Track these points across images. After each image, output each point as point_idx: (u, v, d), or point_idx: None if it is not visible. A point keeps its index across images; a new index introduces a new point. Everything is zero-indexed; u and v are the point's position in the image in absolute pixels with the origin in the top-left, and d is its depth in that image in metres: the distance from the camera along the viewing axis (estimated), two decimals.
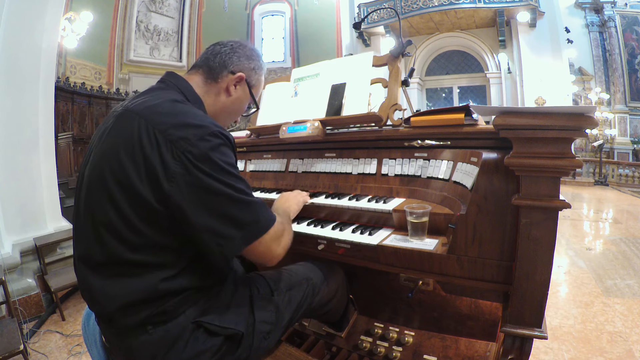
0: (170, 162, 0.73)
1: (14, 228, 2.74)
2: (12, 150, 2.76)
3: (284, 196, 1.24)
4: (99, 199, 0.77)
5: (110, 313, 0.78)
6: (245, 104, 1.06)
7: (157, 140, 0.75)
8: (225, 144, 0.80)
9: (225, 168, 0.77)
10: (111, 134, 0.81)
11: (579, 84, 11.21)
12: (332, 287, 1.17)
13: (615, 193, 8.21)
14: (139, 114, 0.79)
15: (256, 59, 1.04)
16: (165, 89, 0.91)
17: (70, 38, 7.29)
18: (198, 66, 1.00)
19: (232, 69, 0.99)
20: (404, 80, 1.37)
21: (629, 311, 2.39)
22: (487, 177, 0.89)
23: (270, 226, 0.84)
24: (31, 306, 2.54)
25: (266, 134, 1.69)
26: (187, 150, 0.74)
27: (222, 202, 0.76)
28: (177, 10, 11.51)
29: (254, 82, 1.04)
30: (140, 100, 0.85)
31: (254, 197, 0.82)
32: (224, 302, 0.88)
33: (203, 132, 0.76)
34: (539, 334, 0.83)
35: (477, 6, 9.32)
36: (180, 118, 0.79)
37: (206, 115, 0.86)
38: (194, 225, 0.75)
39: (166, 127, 0.76)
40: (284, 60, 12.20)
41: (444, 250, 0.92)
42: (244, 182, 0.81)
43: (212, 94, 0.98)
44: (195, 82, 0.97)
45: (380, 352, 1.30)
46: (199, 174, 0.74)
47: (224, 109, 1.01)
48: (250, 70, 1.02)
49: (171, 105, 0.83)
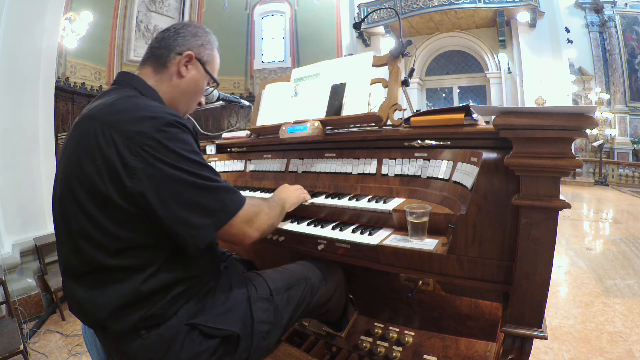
0: (129, 159, 0.72)
1: (14, 228, 2.74)
2: (12, 150, 2.76)
3: (284, 187, 1.24)
4: (70, 210, 0.77)
5: (102, 322, 0.77)
6: (203, 83, 1.02)
7: (113, 139, 0.74)
8: (183, 131, 0.78)
9: (186, 155, 0.76)
10: (71, 143, 0.81)
11: (579, 84, 11.20)
12: (331, 286, 1.17)
13: (615, 193, 8.21)
14: (94, 118, 0.78)
15: (203, 35, 1.01)
16: (119, 88, 0.90)
17: (70, 38, 7.29)
18: (145, 58, 0.98)
19: (178, 50, 0.95)
20: (404, 80, 1.38)
21: (629, 311, 2.39)
22: (487, 177, 0.89)
23: (239, 208, 0.83)
24: (31, 306, 2.55)
25: (266, 134, 1.69)
26: (145, 144, 0.73)
27: (187, 191, 0.75)
28: (177, 10, 11.50)
29: (206, 58, 1.01)
30: (95, 104, 0.84)
31: (220, 182, 0.81)
32: (219, 303, 0.87)
33: (158, 123, 0.75)
34: (539, 334, 0.83)
35: (477, 6, 9.32)
36: (134, 113, 0.78)
37: (161, 106, 0.85)
38: (163, 218, 0.74)
39: (121, 125, 0.75)
40: (284, 60, 12.19)
41: (444, 250, 0.92)
42: (209, 168, 0.80)
43: (165, 81, 0.95)
44: (146, 74, 0.95)
45: (380, 352, 1.30)
46: (159, 165, 0.73)
47: (181, 92, 0.97)
48: (199, 47, 0.99)
49: (124, 101, 0.82)
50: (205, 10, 11.77)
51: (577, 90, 11.16)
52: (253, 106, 1.78)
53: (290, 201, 1.19)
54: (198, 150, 0.81)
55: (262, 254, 1.68)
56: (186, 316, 0.81)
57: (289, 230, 1.21)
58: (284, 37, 12.30)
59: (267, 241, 1.28)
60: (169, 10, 11.33)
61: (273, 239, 1.26)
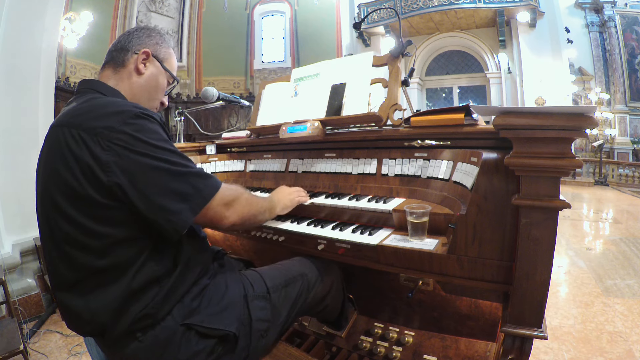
0: (101, 154, 0.73)
1: (14, 228, 2.74)
2: (12, 150, 2.76)
3: (281, 188, 1.25)
4: (52, 218, 0.78)
5: (99, 327, 0.77)
6: (163, 80, 1.04)
7: (82, 138, 0.75)
8: (150, 121, 0.80)
9: (157, 144, 0.78)
10: (44, 154, 0.82)
11: (579, 84, 11.20)
12: (327, 282, 1.17)
13: (615, 193, 8.21)
14: (61, 125, 0.79)
15: (156, 35, 1.03)
16: (83, 94, 0.91)
17: (70, 38, 7.28)
18: (105, 62, 1.00)
19: (134, 49, 0.98)
20: (404, 80, 1.38)
21: (629, 311, 2.39)
22: (487, 177, 0.89)
23: (215, 192, 0.84)
24: (31, 306, 2.54)
25: (266, 134, 1.69)
26: (114, 138, 0.74)
27: (161, 178, 0.77)
28: (177, 10, 11.50)
29: (163, 55, 1.03)
30: (61, 114, 0.86)
31: (193, 167, 0.83)
32: (214, 302, 0.87)
33: (125, 116, 0.77)
34: (539, 334, 0.83)
35: (477, 6, 9.31)
36: (100, 110, 0.79)
37: (126, 101, 0.86)
38: (141, 207, 0.75)
39: (88, 123, 0.76)
40: (284, 60, 12.18)
41: (444, 250, 0.92)
42: (180, 155, 0.82)
43: (124, 79, 0.97)
44: (106, 76, 0.97)
45: (380, 352, 1.30)
46: (131, 155, 0.74)
47: (141, 89, 0.99)
48: (154, 45, 1.01)
49: (88, 103, 0.83)
50: (205, 10, 11.77)
51: (577, 90, 11.16)
52: (253, 106, 1.78)
53: (283, 203, 1.19)
54: (167, 138, 0.83)
55: (262, 254, 1.68)
56: (181, 316, 0.81)
57: (289, 230, 1.21)
58: (284, 37, 12.29)
59: (267, 241, 1.28)
60: (169, 10, 11.33)
61: (273, 239, 1.26)
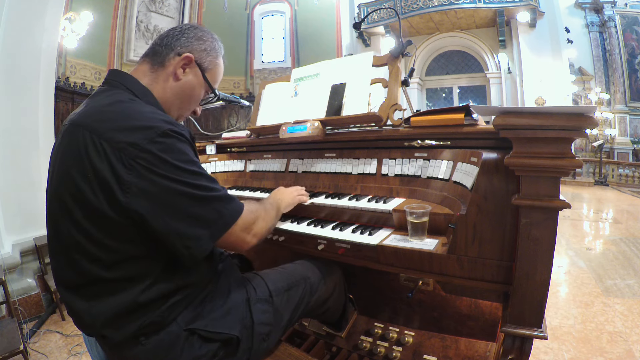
0: (123, 172, 0.69)
1: (14, 228, 2.74)
2: (12, 151, 2.76)
3: (280, 189, 1.24)
4: (63, 224, 0.75)
5: (100, 332, 0.77)
6: (200, 91, 0.97)
7: (104, 150, 0.70)
8: (179, 140, 0.75)
9: (182, 166, 0.73)
10: (60, 152, 0.78)
11: (579, 84, 11.20)
12: (330, 285, 1.17)
13: (615, 193, 8.21)
14: (83, 126, 0.75)
15: (209, 41, 0.96)
16: (109, 90, 0.85)
17: (70, 38, 7.28)
18: (145, 54, 0.93)
19: (179, 50, 0.90)
20: (404, 80, 1.38)
21: (629, 311, 2.39)
22: (487, 177, 0.89)
23: (237, 217, 0.82)
24: (31, 306, 2.54)
25: (266, 134, 1.69)
26: (138, 157, 0.70)
27: (183, 203, 0.73)
28: (177, 10, 11.49)
29: (207, 65, 0.95)
30: (85, 109, 0.81)
31: (217, 191, 0.79)
32: (217, 306, 0.86)
33: (152, 133, 0.72)
34: (539, 334, 0.83)
35: (477, 6, 9.31)
36: (126, 121, 0.74)
37: (155, 111, 0.80)
38: (159, 231, 0.72)
39: (112, 134, 0.71)
40: (284, 60, 12.18)
41: (444, 250, 0.92)
42: (205, 177, 0.78)
43: (160, 81, 0.90)
44: (141, 71, 0.90)
45: (380, 352, 1.30)
46: (154, 178, 0.71)
47: (175, 96, 0.92)
48: (202, 52, 0.94)
49: (115, 108, 0.78)
50: (205, 10, 11.77)
51: (577, 90, 11.16)
52: (253, 106, 1.78)
53: (286, 202, 1.18)
54: (195, 158, 0.79)
55: (262, 254, 1.68)
56: (185, 321, 0.80)
57: (289, 230, 1.21)
58: (284, 37, 12.29)
59: (267, 241, 1.28)
60: (169, 10, 11.33)
61: (273, 239, 1.26)
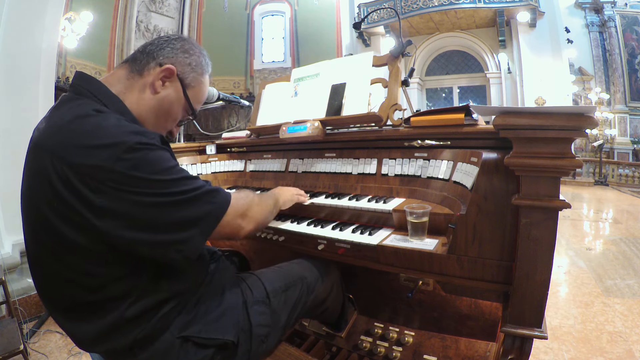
0: (92, 197, 0.63)
1: (14, 228, 2.73)
2: (12, 150, 2.76)
3: (279, 188, 1.23)
4: (39, 251, 0.72)
5: (94, 348, 0.77)
6: (178, 109, 0.87)
7: (67, 177, 0.64)
8: (150, 150, 0.68)
9: (157, 179, 0.67)
10: (26, 177, 0.73)
11: (579, 84, 11.21)
12: (327, 285, 1.16)
13: (615, 193, 8.21)
14: (44, 149, 0.68)
15: (196, 55, 0.87)
16: (74, 99, 0.77)
17: (70, 38, 7.29)
18: (125, 60, 0.85)
19: (160, 60, 0.82)
20: (404, 80, 1.38)
21: (629, 311, 2.39)
22: (487, 177, 0.89)
23: (227, 207, 0.77)
24: (31, 306, 2.54)
25: (266, 134, 1.69)
26: (105, 179, 0.63)
27: (166, 213, 0.68)
28: (177, 10, 11.50)
29: (190, 81, 0.87)
30: (47, 125, 0.73)
31: (201, 188, 0.73)
32: (211, 309, 0.83)
33: (118, 151, 0.64)
34: (539, 334, 0.83)
35: (477, 6, 9.32)
36: (87, 140, 0.66)
37: (120, 123, 0.70)
38: (145, 246, 0.69)
39: (72, 158, 0.64)
40: (284, 60, 12.18)
41: (444, 250, 0.92)
42: (185, 178, 0.71)
43: (134, 91, 0.81)
44: (116, 77, 0.82)
45: (380, 352, 1.30)
46: (128, 197, 0.65)
47: (150, 110, 0.82)
48: (186, 66, 0.85)
49: (75, 125, 0.68)
50: (205, 10, 11.77)
51: (577, 90, 11.16)
52: (253, 106, 1.78)
53: (285, 197, 1.16)
54: (171, 162, 0.72)
55: (262, 254, 1.68)
56: (178, 329, 0.77)
57: (289, 230, 1.21)
58: (284, 37, 12.29)
59: (267, 241, 1.28)
60: (169, 10, 11.33)
61: (273, 239, 1.26)
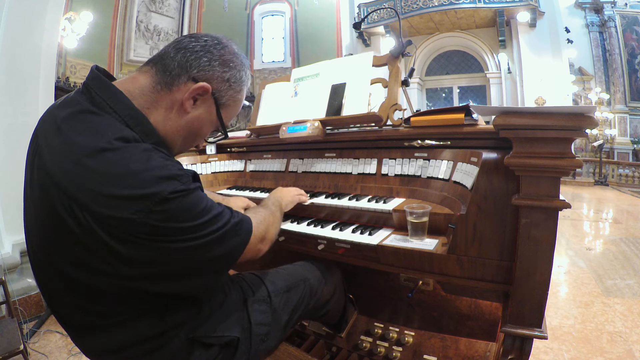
0: (119, 247, 0.58)
1: (14, 228, 2.73)
2: (12, 150, 2.76)
3: (279, 189, 1.24)
4: (54, 287, 0.68)
5: (105, 358, 0.76)
6: (209, 129, 0.78)
7: (89, 224, 0.57)
8: (184, 196, 0.61)
9: (193, 225, 0.62)
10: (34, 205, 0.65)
11: (579, 84, 11.21)
12: (330, 287, 1.16)
13: (615, 193, 8.21)
14: (57, 186, 0.59)
15: (236, 68, 0.76)
16: (93, 112, 0.64)
17: (70, 38, 7.29)
18: (151, 61, 0.72)
19: (195, 74, 0.70)
20: (404, 80, 1.38)
21: (629, 311, 2.39)
22: (487, 177, 0.89)
23: (249, 236, 0.77)
24: (31, 306, 2.54)
25: (266, 134, 1.69)
26: (137, 231, 0.58)
27: (198, 255, 0.65)
28: (177, 10, 11.49)
29: (226, 100, 0.76)
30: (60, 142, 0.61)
31: (228, 223, 0.69)
32: (215, 310, 0.84)
33: (150, 204, 0.57)
34: (539, 334, 0.83)
35: (477, 6, 9.32)
36: (115, 189, 0.57)
37: (150, 163, 0.60)
38: (175, 287, 0.68)
39: (96, 208, 0.57)
40: (284, 60, 12.18)
41: (444, 250, 0.92)
42: (214, 216, 0.67)
43: (160, 107, 0.70)
44: (139, 86, 0.69)
45: (380, 352, 1.30)
46: (163, 245, 0.60)
47: (177, 131, 0.73)
48: (223, 82, 0.74)
49: (99, 162, 0.58)
50: (205, 11, 11.77)
51: (577, 90, 11.16)
52: (253, 106, 1.78)
53: (287, 200, 1.17)
54: (203, 200, 0.66)
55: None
56: (185, 333, 0.77)
57: (289, 230, 1.21)
58: (284, 37, 12.29)
59: None
60: (169, 10, 11.33)
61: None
